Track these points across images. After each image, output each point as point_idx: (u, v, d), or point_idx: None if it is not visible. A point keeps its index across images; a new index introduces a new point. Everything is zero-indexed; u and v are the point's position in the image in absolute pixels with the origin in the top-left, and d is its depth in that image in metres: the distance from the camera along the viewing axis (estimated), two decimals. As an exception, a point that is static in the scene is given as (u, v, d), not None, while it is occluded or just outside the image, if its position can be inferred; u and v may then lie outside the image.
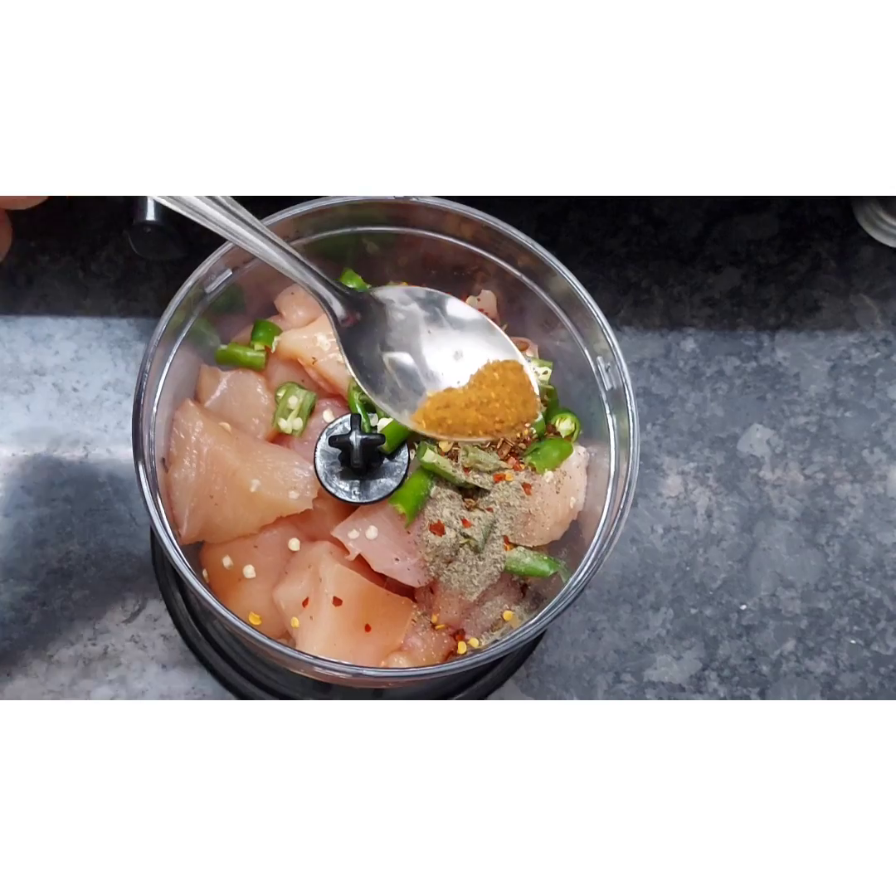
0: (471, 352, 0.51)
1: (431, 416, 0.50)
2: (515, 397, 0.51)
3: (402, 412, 0.50)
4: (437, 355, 0.51)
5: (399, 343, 0.51)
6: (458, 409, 0.50)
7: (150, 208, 0.58)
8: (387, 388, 0.50)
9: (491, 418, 0.50)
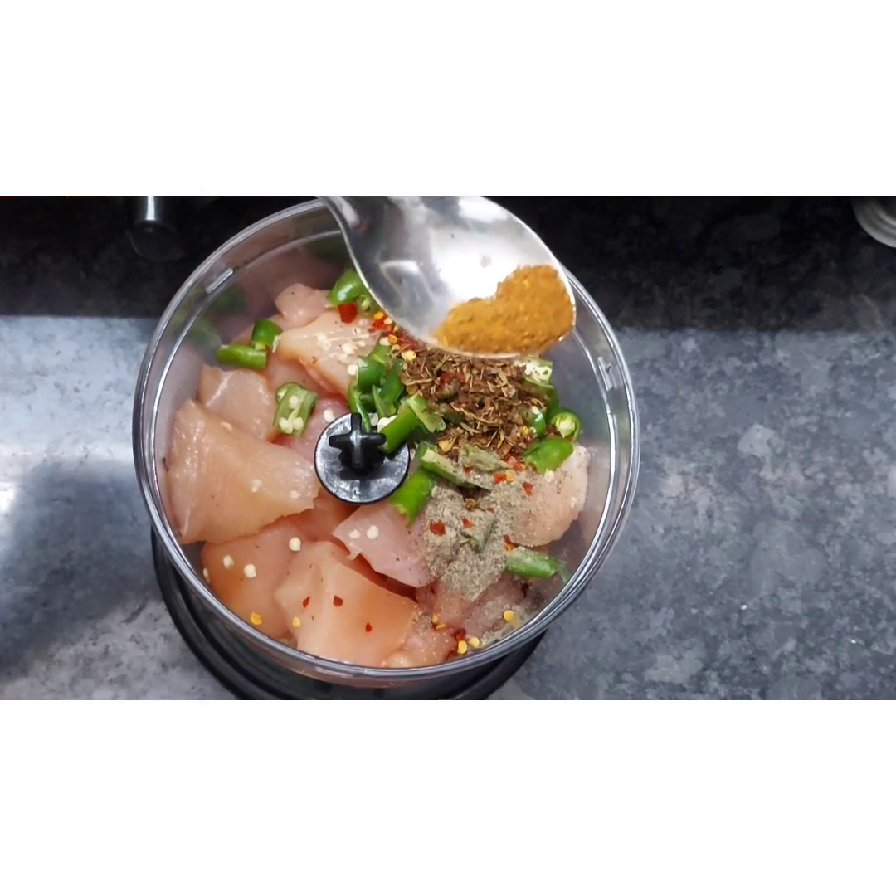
0: (499, 257, 0.46)
1: (453, 332, 0.46)
2: (547, 309, 0.47)
3: (422, 327, 0.46)
4: (460, 262, 0.46)
5: (417, 250, 0.46)
6: (484, 323, 0.46)
7: (151, 208, 0.59)
8: (404, 300, 0.46)
9: (519, 333, 0.46)
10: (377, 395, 0.57)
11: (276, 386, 0.60)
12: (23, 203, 0.75)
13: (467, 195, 0.46)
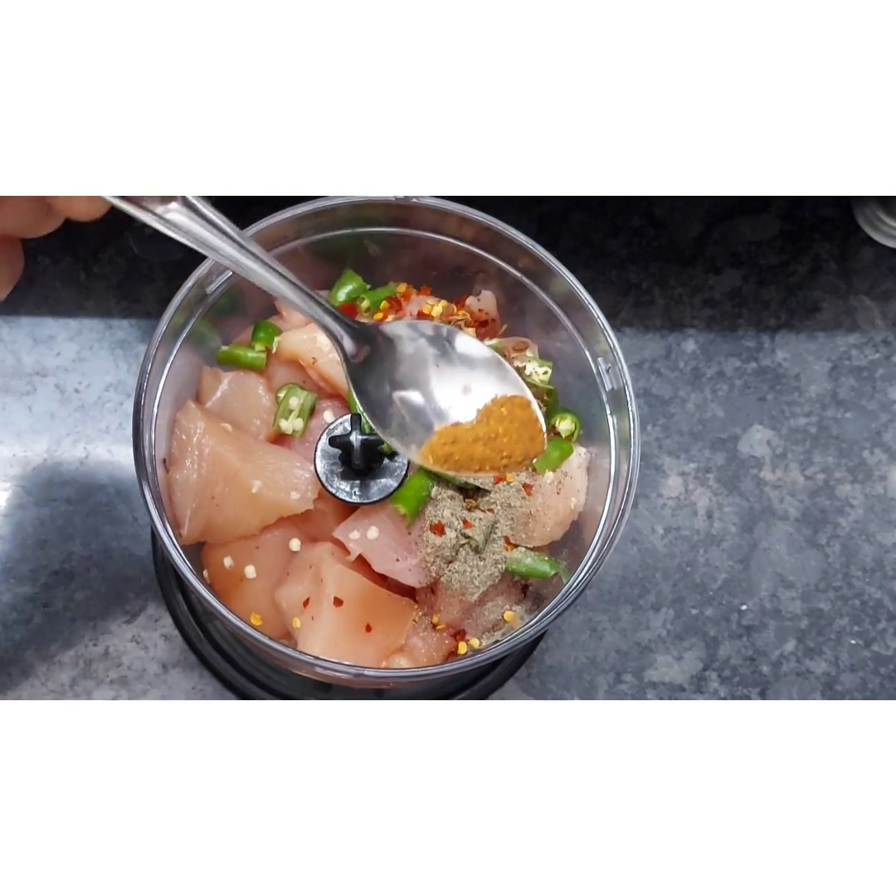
0: (479, 386, 0.50)
1: (438, 452, 0.49)
2: (523, 433, 0.50)
3: (410, 447, 0.50)
4: (445, 390, 0.50)
5: (407, 377, 0.50)
6: (466, 444, 0.49)
7: (151, 209, 0.58)
8: (395, 422, 0.50)
9: (498, 453, 0.50)
10: (377, 396, 0.57)
11: (275, 387, 0.60)
12: (23, 204, 0.75)
13: (457, 332, 0.51)
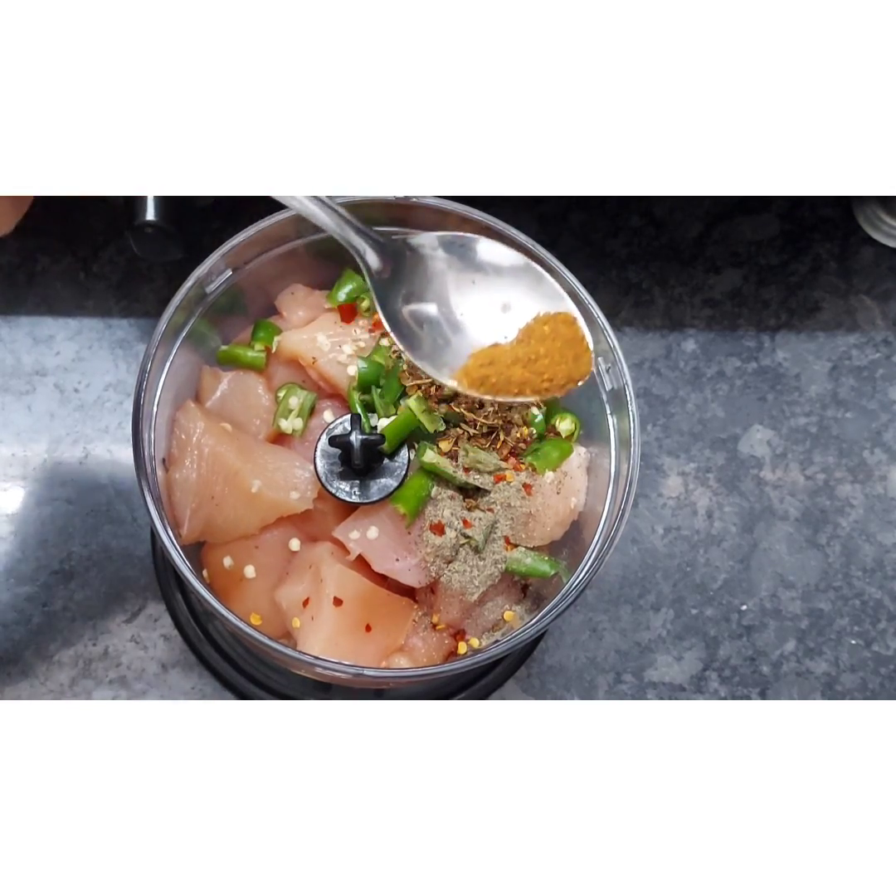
0: (520, 303, 0.47)
1: (474, 374, 0.46)
2: (566, 353, 0.47)
3: (442, 370, 0.47)
4: (482, 307, 0.47)
5: (439, 295, 0.47)
6: (504, 367, 0.46)
7: (151, 209, 0.59)
8: (425, 344, 0.46)
9: (539, 376, 0.47)
10: (377, 396, 0.57)
11: (275, 386, 0.60)
12: (22, 203, 0.75)
13: (490, 241, 0.47)
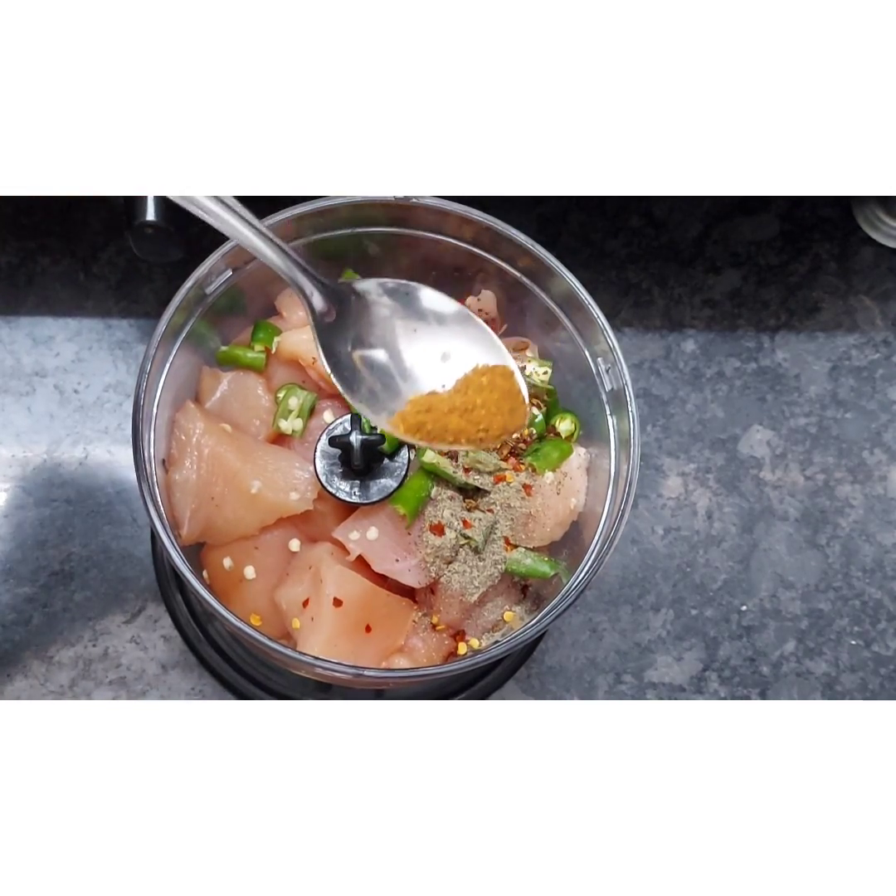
0: (459, 354, 0.48)
1: (410, 420, 0.47)
2: (503, 405, 0.48)
3: (380, 414, 0.47)
4: (422, 355, 0.48)
5: (381, 340, 0.48)
6: (440, 415, 0.47)
7: (151, 209, 0.58)
8: (364, 388, 0.47)
9: (475, 426, 0.47)
10: (377, 396, 0.56)
11: (275, 387, 0.60)
12: (22, 204, 0.75)
13: (428, 290, 0.48)
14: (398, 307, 0.48)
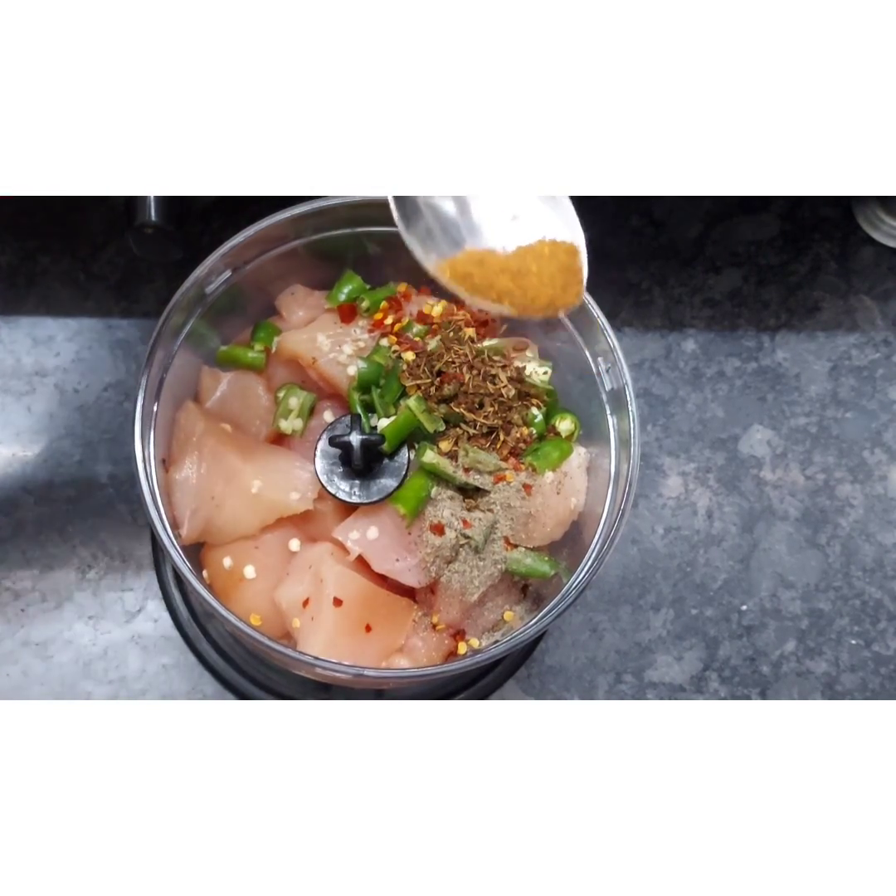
0: (529, 220, 0.46)
1: (459, 268, 0.45)
2: (557, 278, 0.46)
3: (430, 255, 0.45)
4: (491, 210, 0.46)
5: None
6: (491, 272, 0.45)
7: (151, 209, 0.58)
8: (422, 223, 0.45)
9: (523, 291, 0.45)
10: (377, 396, 0.56)
11: (275, 387, 0.60)
12: (22, 204, 0.75)
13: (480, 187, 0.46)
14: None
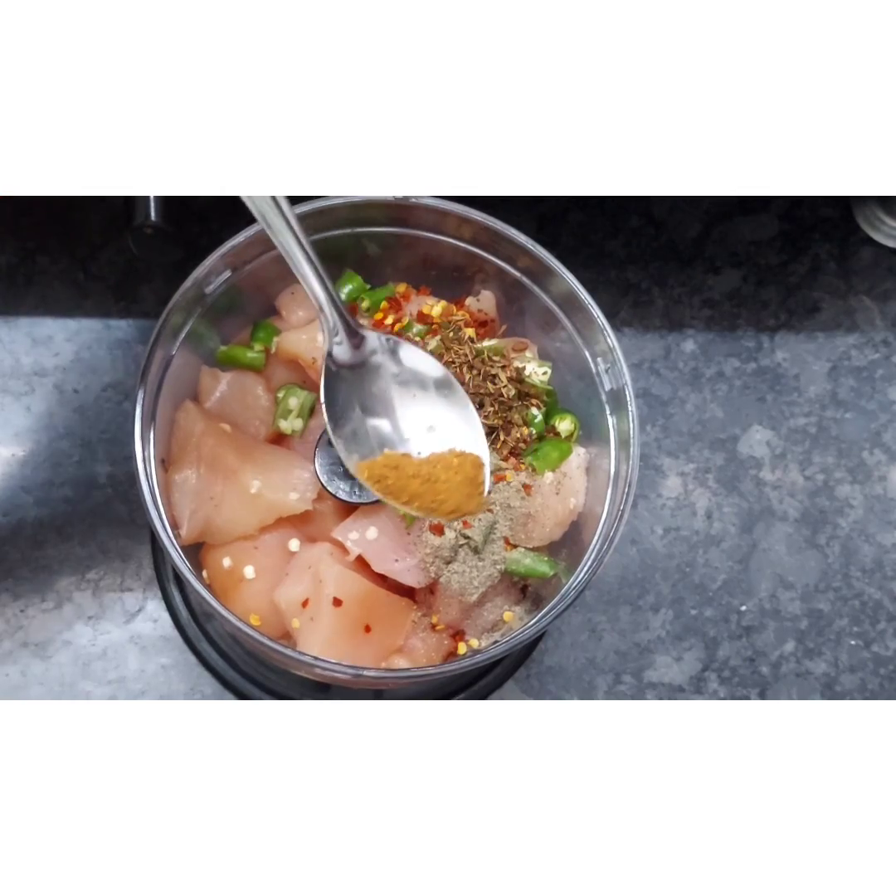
0: (444, 431, 0.52)
1: (376, 470, 0.50)
2: (463, 488, 0.51)
3: (352, 455, 0.51)
4: (411, 421, 0.52)
5: (382, 394, 0.52)
6: (404, 476, 0.50)
7: (151, 209, 0.58)
8: (349, 426, 0.51)
9: (432, 496, 0.50)
10: (376, 396, 0.57)
11: (275, 387, 0.60)
12: (21, 203, 0.75)
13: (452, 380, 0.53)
14: (405, 370, 0.52)
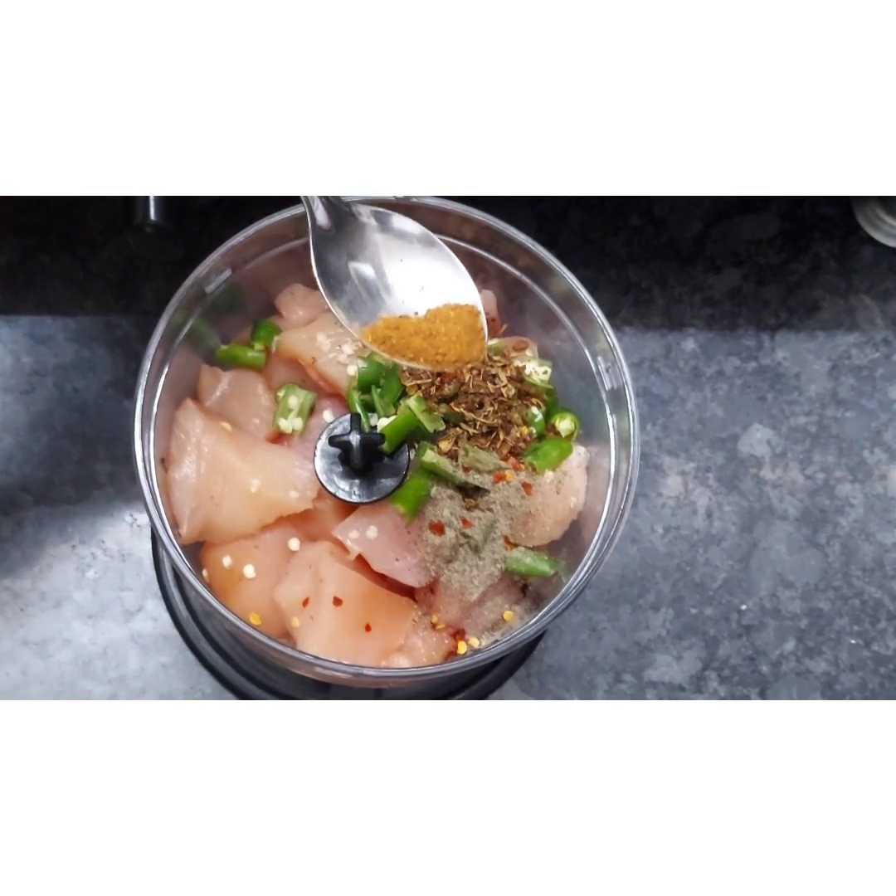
0: (435, 289, 0.53)
1: (379, 333, 0.52)
2: (462, 336, 0.52)
3: (353, 323, 0.53)
4: (403, 284, 0.53)
5: (371, 262, 0.54)
6: (406, 334, 0.52)
7: (151, 208, 0.58)
8: (346, 297, 0.53)
9: (434, 349, 0.52)
10: (377, 396, 0.56)
11: (275, 386, 0.60)
12: (21, 203, 0.75)
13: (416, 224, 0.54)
14: (388, 237, 0.54)
